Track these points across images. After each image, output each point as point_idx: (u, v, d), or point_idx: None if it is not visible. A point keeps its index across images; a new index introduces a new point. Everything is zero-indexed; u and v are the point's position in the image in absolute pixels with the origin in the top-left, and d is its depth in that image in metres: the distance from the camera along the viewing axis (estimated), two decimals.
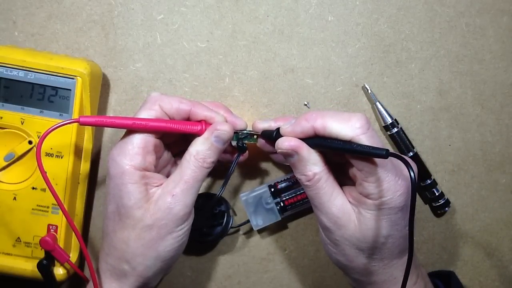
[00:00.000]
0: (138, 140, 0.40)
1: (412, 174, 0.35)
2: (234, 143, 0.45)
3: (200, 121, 0.42)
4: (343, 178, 0.41)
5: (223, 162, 0.47)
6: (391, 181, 0.37)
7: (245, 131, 0.45)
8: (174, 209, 0.40)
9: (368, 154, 0.36)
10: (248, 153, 0.46)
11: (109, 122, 0.40)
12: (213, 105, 0.45)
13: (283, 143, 0.40)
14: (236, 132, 0.44)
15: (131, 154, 0.40)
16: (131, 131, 0.41)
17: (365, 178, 0.38)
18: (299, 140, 0.40)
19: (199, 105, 0.42)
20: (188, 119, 0.42)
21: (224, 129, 0.41)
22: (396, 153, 0.37)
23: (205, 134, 0.41)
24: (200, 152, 0.40)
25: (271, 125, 0.44)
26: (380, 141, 0.38)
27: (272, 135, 0.42)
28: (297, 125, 0.40)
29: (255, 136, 0.45)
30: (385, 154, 0.35)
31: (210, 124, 0.42)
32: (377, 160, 0.37)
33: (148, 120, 0.40)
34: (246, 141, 0.45)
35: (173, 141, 0.45)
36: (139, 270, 0.41)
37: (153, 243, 0.40)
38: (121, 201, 0.40)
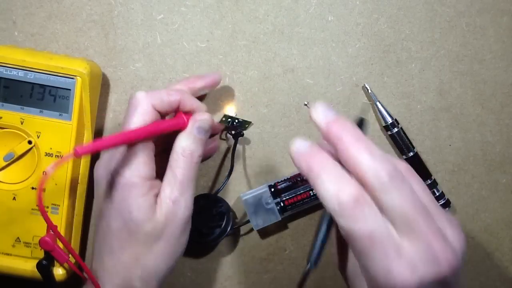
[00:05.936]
0: (140, 151, 0.39)
1: None
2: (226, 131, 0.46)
3: (179, 114, 0.41)
4: None
5: (208, 156, 0.49)
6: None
7: (236, 119, 0.46)
8: (178, 214, 0.39)
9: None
10: (217, 144, 0.48)
11: (106, 145, 0.37)
12: (187, 82, 0.45)
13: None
14: (228, 118, 0.45)
15: (136, 164, 0.38)
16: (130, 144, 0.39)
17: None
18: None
19: (184, 94, 0.41)
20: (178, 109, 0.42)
21: (203, 118, 0.41)
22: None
23: (187, 129, 0.41)
24: (186, 148, 0.40)
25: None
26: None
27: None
28: None
29: (247, 125, 0.47)
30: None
31: (190, 114, 0.41)
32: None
33: (141, 131, 0.39)
34: (239, 129, 0.47)
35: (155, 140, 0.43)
36: (151, 285, 0.39)
37: (164, 253, 0.39)
38: (129, 216, 0.38)
